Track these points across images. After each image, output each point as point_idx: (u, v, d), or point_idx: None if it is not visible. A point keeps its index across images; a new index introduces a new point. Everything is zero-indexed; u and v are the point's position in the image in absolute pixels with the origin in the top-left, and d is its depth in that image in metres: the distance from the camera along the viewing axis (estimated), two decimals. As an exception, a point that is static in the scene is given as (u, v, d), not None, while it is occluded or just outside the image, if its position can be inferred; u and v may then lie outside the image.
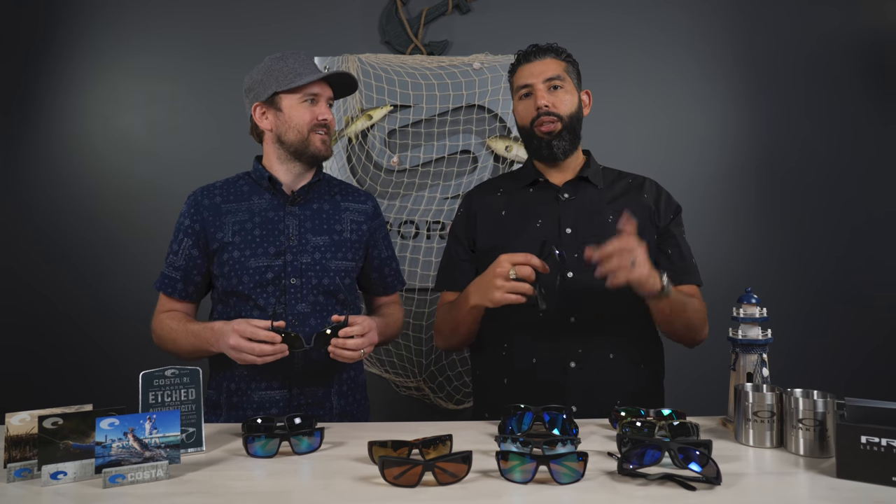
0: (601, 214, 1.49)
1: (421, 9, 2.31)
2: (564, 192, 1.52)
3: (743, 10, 2.34)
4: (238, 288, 1.43)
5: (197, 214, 1.47)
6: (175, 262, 1.48)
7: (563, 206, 1.50)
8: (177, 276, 1.48)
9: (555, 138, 1.48)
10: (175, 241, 1.49)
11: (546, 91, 1.48)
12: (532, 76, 1.49)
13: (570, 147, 1.50)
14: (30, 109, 2.32)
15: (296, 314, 1.43)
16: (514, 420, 1.20)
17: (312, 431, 1.13)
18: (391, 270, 1.63)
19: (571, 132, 1.50)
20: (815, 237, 2.31)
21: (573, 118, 1.49)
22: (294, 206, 1.49)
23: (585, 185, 1.53)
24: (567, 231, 1.47)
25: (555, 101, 1.47)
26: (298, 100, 1.44)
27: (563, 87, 1.49)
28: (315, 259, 1.45)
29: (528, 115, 1.50)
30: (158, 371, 1.13)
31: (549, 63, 1.49)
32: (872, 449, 0.93)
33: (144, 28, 2.33)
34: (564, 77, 1.50)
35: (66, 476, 0.97)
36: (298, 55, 1.46)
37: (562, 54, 1.52)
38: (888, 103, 2.32)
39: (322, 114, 1.45)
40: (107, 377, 2.24)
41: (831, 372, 2.26)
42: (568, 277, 1.42)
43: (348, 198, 1.57)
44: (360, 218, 1.55)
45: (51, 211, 2.31)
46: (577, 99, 1.52)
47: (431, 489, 0.94)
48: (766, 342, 1.25)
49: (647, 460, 0.98)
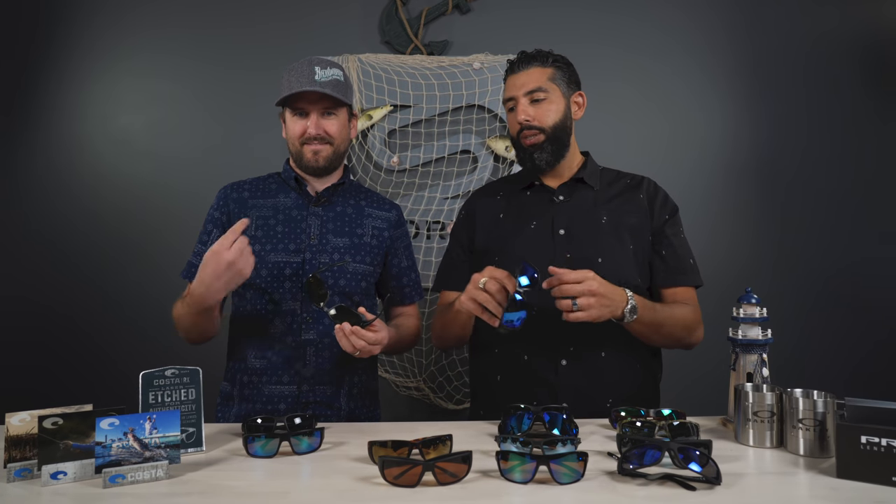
0: (594, 215, 1.50)
1: (421, 9, 2.31)
2: (559, 194, 1.53)
3: (743, 10, 2.34)
4: (255, 281, 1.45)
5: (225, 206, 1.52)
6: (202, 251, 1.50)
7: (557, 208, 1.52)
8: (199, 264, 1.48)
9: (537, 150, 1.49)
10: (204, 232, 1.54)
11: (528, 104, 1.48)
12: (515, 88, 1.50)
13: (553, 158, 1.50)
14: (30, 109, 2.32)
15: (310, 311, 1.45)
16: (514, 420, 1.20)
17: (312, 431, 1.13)
18: (410, 281, 1.63)
19: (555, 142, 1.50)
20: (815, 237, 2.31)
21: (557, 128, 1.49)
22: (318, 206, 1.51)
23: (581, 187, 1.54)
24: (560, 232, 1.48)
25: (536, 113, 1.48)
26: (291, 113, 1.48)
27: (545, 98, 1.48)
28: (333, 260, 1.47)
29: (514, 126, 1.53)
30: (158, 371, 1.13)
31: (533, 73, 1.49)
32: (872, 449, 0.93)
33: (144, 28, 2.33)
34: (548, 87, 1.49)
35: (66, 476, 0.97)
36: (301, 65, 1.45)
37: (547, 60, 1.51)
38: (888, 103, 2.32)
39: (310, 128, 1.45)
40: (107, 377, 2.24)
41: (831, 372, 2.26)
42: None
43: (373, 204, 1.60)
44: (383, 225, 1.57)
45: (51, 211, 2.31)
46: (562, 107, 1.50)
47: (431, 489, 0.94)
48: (766, 342, 1.25)
49: (647, 460, 0.98)
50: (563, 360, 1.42)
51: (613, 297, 1.29)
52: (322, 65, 1.46)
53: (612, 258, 1.45)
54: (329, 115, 1.48)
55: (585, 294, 1.25)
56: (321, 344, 1.45)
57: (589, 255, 1.44)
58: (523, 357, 1.44)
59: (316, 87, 1.42)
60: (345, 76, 1.50)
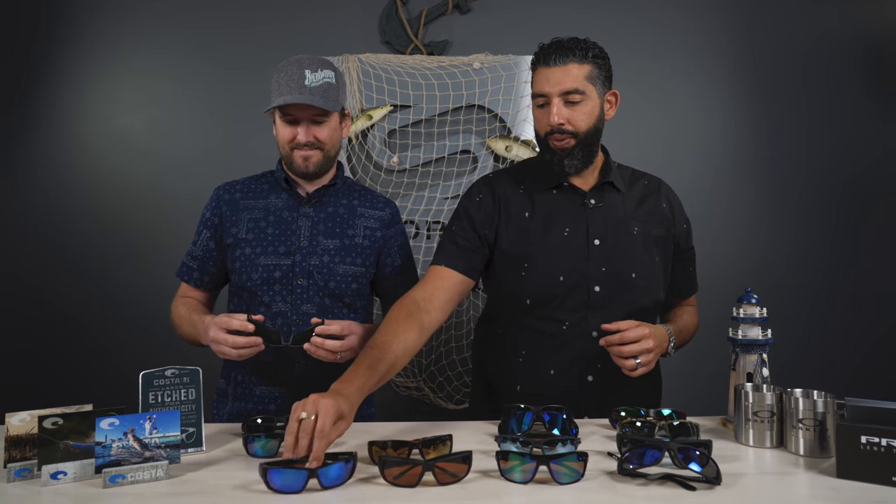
0: (626, 225, 1.44)
1: (421, 9, 2.31)
2: (591, 198, 1.45)
3: (743, 10, 2.34)
4: (247, 284, 1.45)
5: (217, 208, 1.51)
6: (194, 251, 1.53)
7: (590, 214, 1.44)
8: (193, 266, 1.52)
9: (567, 156, 1.39)
10: (197, 232, 1.54)
11: (562, 105, 1.37)
12: (549, 84, 1.37)
13: (581, 164, 1.41)
14: (30, 109, 2.32)
15: (301, 314, 1.44)
16: (514, 420, 1.20)
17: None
18: (404, 280, 1.59)
19: (586, 148, 1.40)
20: (816, 237, 2.31)
21: (590, 133, 1.39)
22: (308, 207, 1.50)
23: (609, 190, 1.47)
24: (595, 242, 1.41)
25: (571, 116, 1.37)
26: (280, 118, 1.44)
27: (582, 100, 1.37)
28: (323, 262, 1.46)
29: (542, 126, 1.42)
30: (158, 371, 1.13)
31: (571, 70, 1.36)
32: (872, 449, 0.93)
33: (144, 28, 2.33)
34: (585, 87, 1.37)
35: (66, 476, 0.97)
36: (291, 67, 1.40)
37: (588, 55, 1.38)
38: (888, 103, 2.32)
39: (300, 136, 1.42)
40: (107, 377, 2.24)
41: (831, 372, 2.26)
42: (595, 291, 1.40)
43: (366, 203, 1.56)
44: (375, 224, 1.54)
45: (50, 211, 2.31)
46: (598, 108, 1.40)
47: (431, 489, 0.94)
48: (766, 342, 1.25)
49: (647, 460, 0.98)
50: (589, 377, 1.40)
51: (662, 343, 1.34)
52: (312, 67, 1.40)
53: (644, 274, 1.42)
54: (319, 123, 1.43)
55: (644, 352, 1.27)
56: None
57: (623, 271, 1.40)
58: (550, 371, 1.40)
59: (305, 96, 1.37)
60: (337, 75, 1.44)
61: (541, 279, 1.40)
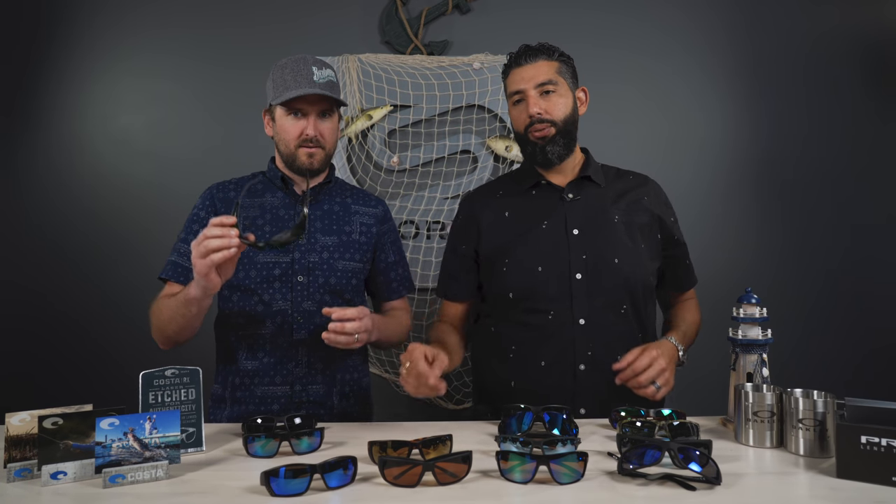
0: (606, 214, 1.48)
1: (421, 9, 2.31)
2: (569, 192, 1.51)
3: (743, 10, 2.34)
4: (245, 282, 1.45)
5: (211, 206, 1.51)
6: (182, 248, 1.47)
7: (568, 207, 1.49)
8: (184, 263, 1.46)
9: (548, 143, 1.46)
10: (186, 230, 1.49)
11: (538, 97, 1.45)
12: (523, 81, 1.47)
13: (564, 151, 1.48)
14: (30, 110, 2.32)
15: (301, 311, 1.45)
16: (514, 420, 1.20)
17: (312, 431, 1.13)
18: (397, 275, 1.62)
19: (566, 136, 1.48)
20: (816, 237, 2.31)
21: (567, 122, 1.47)
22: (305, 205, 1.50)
23: (588, 184, 1.52)
24: (574, 232, 1.46)
25: (547, 106, 1.45)
26: (286, 113, 1.44)
27: (555, 90, 1.46)
28: (323, 258, 1.47)
29: (521, 121, 1.49)
30: (158, 371, 1.13)
31: (541, 66, 1.46)
32: (872, 449, 0.93)
33: (144, 28, 2.33)
34: (557, 80, 1.46)
35: (66, 476, 0.97)
36: (297, 64, 1.43)
37: (554, 54, 1.49)
38: (888, 104, 2.32)
39: (308, 129, 1.43)
40: (107, 377, 2.24)
41: (831, 372, 2.26)
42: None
43: (359, 201, 1.59)
44: (370, 221, 1.57)
45: (50, 211, 2.31)
46: (570, 100, 1.49)
47: (431, 489, 0.94)
48: (766, 342, 1.25)
49: (647, 460, 0.98)
50: (581, 366, 1.41)
51: (672, 357, 1.36)
52: (318, 65, 1.44)
53: (627, 259, 1.44)
54: (326, 117, 1.46)
55: (659, 374, 1.28)
56: (313, 344, 1.44)
57: (605, 257, 1.43)
58: (540, 363, 1.43)
59: (316, 90, 1.40)
60: (336, 77, 1.49)
61: (521, 272, 1.44)
